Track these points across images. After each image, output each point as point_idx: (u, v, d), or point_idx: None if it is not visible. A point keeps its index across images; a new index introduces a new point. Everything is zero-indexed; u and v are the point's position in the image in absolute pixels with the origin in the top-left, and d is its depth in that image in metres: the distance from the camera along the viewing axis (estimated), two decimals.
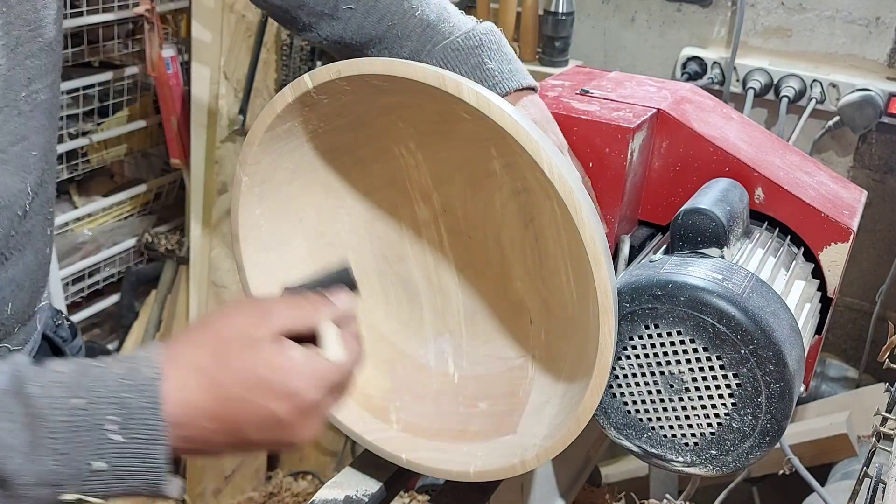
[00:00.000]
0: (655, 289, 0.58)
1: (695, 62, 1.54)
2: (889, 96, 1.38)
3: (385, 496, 0.73)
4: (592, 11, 1.65)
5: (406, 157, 0.72)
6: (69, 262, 1.83)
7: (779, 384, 0.56)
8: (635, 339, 0.60)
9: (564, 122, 0.71)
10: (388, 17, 0.76)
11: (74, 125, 1.82)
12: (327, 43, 0.80)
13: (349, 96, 0.64)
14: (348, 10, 0.77)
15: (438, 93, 0.56)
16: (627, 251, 0.72)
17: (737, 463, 0.60)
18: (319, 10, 0.78)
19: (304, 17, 0.80)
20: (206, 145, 1.86)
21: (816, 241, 0.71)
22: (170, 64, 1.79)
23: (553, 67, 1.60)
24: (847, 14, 1.42)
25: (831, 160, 1.51)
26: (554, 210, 0.66)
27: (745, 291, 0.57)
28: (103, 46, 1.79)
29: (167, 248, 1.99)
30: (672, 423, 0.61)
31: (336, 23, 0.78)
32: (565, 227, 0.64)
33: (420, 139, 0.71)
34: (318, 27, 0.80)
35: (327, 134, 0.69)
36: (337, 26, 0.78)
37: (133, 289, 2.05)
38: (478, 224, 0.74)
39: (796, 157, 0.79)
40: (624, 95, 0.77)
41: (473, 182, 0.72)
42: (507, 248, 0.73)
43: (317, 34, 0.80)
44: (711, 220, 0.63)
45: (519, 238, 0.72)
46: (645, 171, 0.75)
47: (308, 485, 2.03)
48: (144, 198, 2.06)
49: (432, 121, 0.67)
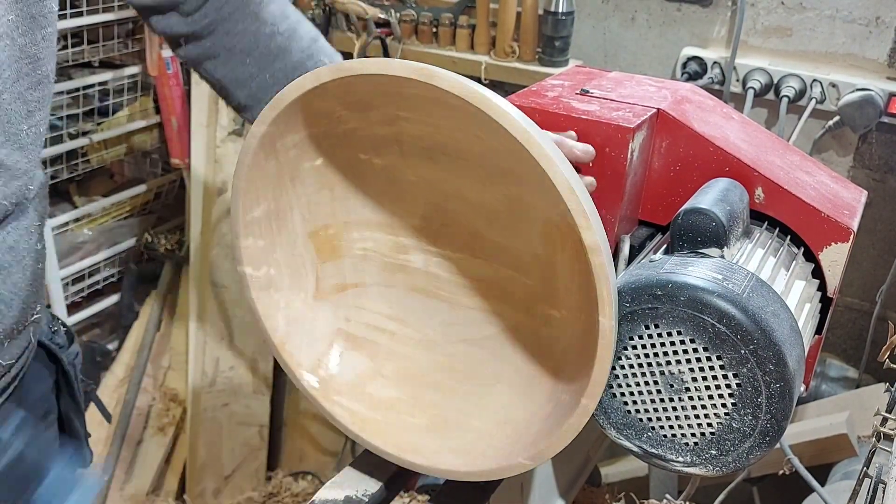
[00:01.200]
0: (655, 289, 0.58)
1: (695, 62, 1.54)
2: (889, 96, 1.38)
3: (385, 496, 0.73)
4: (592, 11, 1.65)
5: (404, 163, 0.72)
6: (69, 262, 1.84)
7: (779, 384, 0.56)
8: (635, 339, 0.60)
9: (564, 121, 0.71)
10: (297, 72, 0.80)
11: (74, 125, 1.82)
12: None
13: (350, 97, 0.64)
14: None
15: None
16: (627, 251, 0.72)
17: (737, 463, 0.60)
18: (260, 96, 0.81)
19: (241, 97, 0.82)
20: (206, 145, 1.86)
21: (816, 241, 0.71)
22: (170, 64, 1.79)
23: (553, 67, 1.60)
24: (847, 14, 1.42)
25: (831, 160, 1.51)
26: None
27: (745, 291, 0.57)
28: (103, 46, 1.79)
29: (167, 248, 1.99)
30: (672, 423, 0.61)
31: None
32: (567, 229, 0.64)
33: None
34: (255, 111, 0.82)
35: (327, 134, 0.69)
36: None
37: (133, 289, 2.05)
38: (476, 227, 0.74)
39: (796, 157, 0.79)
40: (624, 95, 0.77)
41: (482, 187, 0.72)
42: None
43: (252, 116, 0.82)
44: (711, 220, 0.63)
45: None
46: (645, 170, 0.75)
47: (308, 485, 2.03)
48: (144, 198, 2.06)
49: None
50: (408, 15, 1.77)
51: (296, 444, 2.11)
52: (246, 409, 2.01)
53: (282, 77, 0.80)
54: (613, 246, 0.73)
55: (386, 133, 0.67)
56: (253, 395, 2.01)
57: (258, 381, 2.01)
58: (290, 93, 0.61)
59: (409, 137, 0.67)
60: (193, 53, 0.82)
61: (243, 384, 2.00)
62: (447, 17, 1.71)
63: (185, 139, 1.88)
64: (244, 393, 2.00)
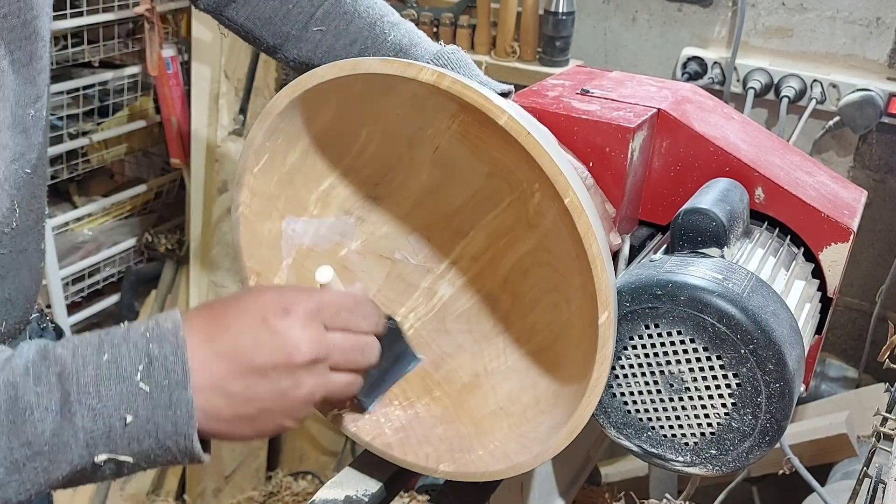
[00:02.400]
0: (655, 288, 0.58)
1: (695, 62, 1.54)
2: (889, 96, 1.38)
3: (385, 496, 0.73)
4: (593, 11, 1.65)
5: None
6: (69, 262, 1.83)
7: (779, 384, 0.56)
8: (635, 339, 0.60)
9: (565, 121, 0.71)
10: (360, 41, 0.76)
11: (74, 125, 1.82)
12: (294, 64, 0.80)
13: (351, 96, 0.64)
14: (318, 31, 0.77)
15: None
16: (627, 251, 0.72)
17: (737, 463, 0.60)
18: (286, 30, 0.78)
19: (268, 37, 0.80)
20: (206, 145, 1.86)
21: (816, 241, 0.71)
22: (170, 64, 1.79)
23: (553, 67, 1.60)
24: (848, 14, 1.42)
25: (831, 160, 1.51)
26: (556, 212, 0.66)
27: (746, 291, 0.57)
28: (103, 46, 1.79)
29: (167, 247, 1.99)
30: (672, 422, 0.61)
31: (304, 45, 0.78)
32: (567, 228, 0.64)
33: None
34: (285, 49, 0.79)
35: (327, 134, 0.69)
36: (305, 48, 0.78)
37: (133, 289, 2.05)
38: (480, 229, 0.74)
39: (796, 157, 0.79)
40: (624, 95, 0.77)
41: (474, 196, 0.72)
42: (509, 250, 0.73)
43: (283, 55, 0.80)
44: (712, 220, 0.63)
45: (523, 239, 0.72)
46: (645, 170, 0.75)
47: (308, 485, 2.03)
48: (144, 197, 2.06)
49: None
50: (408, 15, 1.77)
51: (296, 444, 2.11)
52: None
53: (305, 4, 0.78)
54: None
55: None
56: None
57: None
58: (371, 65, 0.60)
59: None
60: (213, 2, 0.80)
61: None
62: (448, 17, 1.71)
63: (186, 139, 1.88)
64: None
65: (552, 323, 0.71)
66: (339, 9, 0.77)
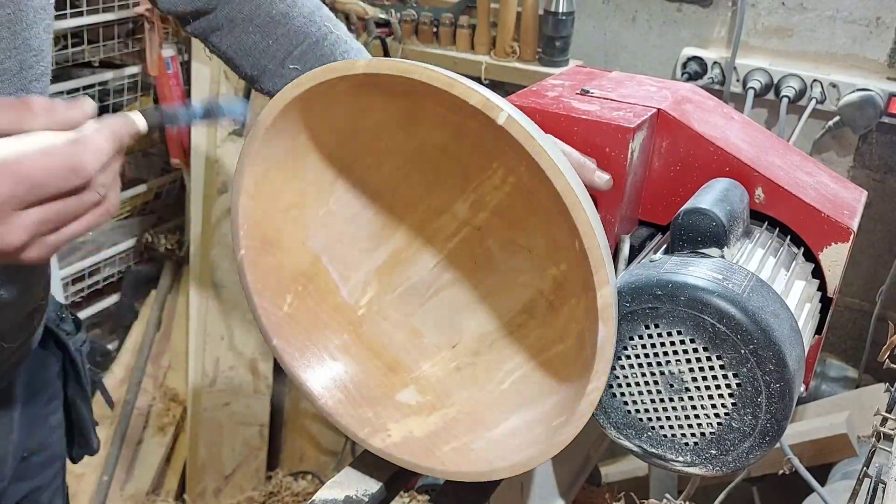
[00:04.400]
0: (655, 288, 0.58)
1: (695, 62, 1.54)
2: (889, 96, 1.38)
3: (385, 496, 0.73)
4: (593, 11, 1.65)
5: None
6: (69, 262, 1.84)
7: (779, 384, 0.56)
8: (635, 339, 0.60)
9: (565, 121, 0.71)
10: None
11: None
12: (270, 96, 0.82)
13: (350, 96, 0.64)
14: (293, 69, 0.80)
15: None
16: (627, 251, 0.72)
17: (737, 463, 0.60)
18: (264, 64, 0.82)
19: (247, 68, 0.83)
20: (206, 145, 1.86)
21: (816, 241, 0.71)
22: (170, 64, 1.79)
23: (553, 67, 1.60)
24: (848, 14, 1.42)
25: (831, 160, 1.51)
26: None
27: (746, 291, 0.57)
28: (103, 46, 1.79)
29: (167, 248, 1.99)
30: (672, 422, 0.61)
31: (279, 80, 0.81)
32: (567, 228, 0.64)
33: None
34: (262, 81, 0.83)
35: (327, 134, 0.69)
36: (279, 83, 0.81)
37: (133, 289, 2.05)
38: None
39: (796, 157, 0.79)
40: (624, 95, 0.77)
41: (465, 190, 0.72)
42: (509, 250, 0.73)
43: (260, 87, 0.84)
44: (711, 220, 0.63)
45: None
46: (645, 170, 0.75)
47: (308, 485, 2.03)
48: (144, 198, 2.06)
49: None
50: (408, 15, 1.77)
51: (296, 443, 2.11)
52: (246, 408, 2.01)
53: (285, 42, 0.81)
54: (613, 246, 0.73)
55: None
56: (253, 394, 2.01)
57: (258, 380, 2.01)
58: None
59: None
60: (200, 28, 0.83)
61: (243, 384, 2.00)
62: (447, 17, 1.71)
63: (186, 139, 1.88)
64: (244, 392, 2.00)
65: (552, 322, 0.71)
66: (317, 51, 0.81)
